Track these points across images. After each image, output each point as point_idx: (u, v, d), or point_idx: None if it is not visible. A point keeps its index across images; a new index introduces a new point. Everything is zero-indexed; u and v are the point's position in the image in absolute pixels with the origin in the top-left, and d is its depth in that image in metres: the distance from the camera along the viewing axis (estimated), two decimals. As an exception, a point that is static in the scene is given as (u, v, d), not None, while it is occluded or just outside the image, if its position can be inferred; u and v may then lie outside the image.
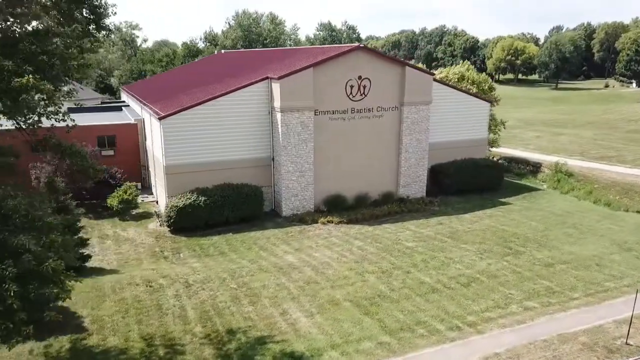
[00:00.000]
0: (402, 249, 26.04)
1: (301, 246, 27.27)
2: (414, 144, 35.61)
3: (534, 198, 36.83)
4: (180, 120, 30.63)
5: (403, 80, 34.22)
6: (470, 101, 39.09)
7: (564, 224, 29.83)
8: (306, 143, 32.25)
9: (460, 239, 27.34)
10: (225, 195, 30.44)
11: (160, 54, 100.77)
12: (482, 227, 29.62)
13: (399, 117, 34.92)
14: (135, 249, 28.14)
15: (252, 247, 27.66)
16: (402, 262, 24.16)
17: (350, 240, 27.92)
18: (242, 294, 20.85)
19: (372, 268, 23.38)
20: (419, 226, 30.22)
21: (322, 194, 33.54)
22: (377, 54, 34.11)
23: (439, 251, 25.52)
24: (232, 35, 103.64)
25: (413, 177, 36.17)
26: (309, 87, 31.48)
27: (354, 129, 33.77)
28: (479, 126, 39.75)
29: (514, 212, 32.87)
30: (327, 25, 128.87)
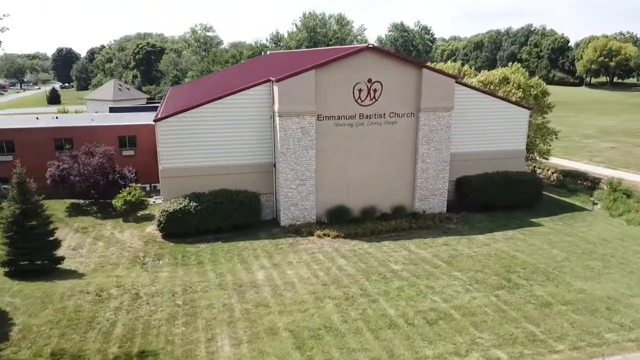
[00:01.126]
0: (385, 272, 23.36)
1: (281, 261, 25.43)
2: (433, 153, 32.40)
3: (573, 220, 32.19)
4: (177, 123, 29.93)
5: (419, 84, 31.21)
6: (506, 108, 35.06)
7: (591, 254, 25.46)
8: (307, 150, 30.30)
9: (456, 265, 24.12)
10: (217, 202, 29.31)
11: (227, 55, 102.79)
12: (490, 251, 26.06)
13: (415, 124, 31.91)
14: (120, 252, 27.76)
15: (232, 258, 26.25)
16: (375, 288, 21.57)
17: (336, 258, 25.63)
18: (182, 313, 19.45)
19: (337, 293, 21.03)
20: (420, 246, 27.22)
21: (325, 204, 31.42)
22: (389, 54, 31.37)
23: (423, 278, 22.57)
24: (297, 36, 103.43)
25: (431, 190, 32.95)
26: (310, 90, 29.52)
27: (363, 136, 31.29)
28: (515, 136, 35.58)
29: (537, 235, 28.75)
30: (399, 25, 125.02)
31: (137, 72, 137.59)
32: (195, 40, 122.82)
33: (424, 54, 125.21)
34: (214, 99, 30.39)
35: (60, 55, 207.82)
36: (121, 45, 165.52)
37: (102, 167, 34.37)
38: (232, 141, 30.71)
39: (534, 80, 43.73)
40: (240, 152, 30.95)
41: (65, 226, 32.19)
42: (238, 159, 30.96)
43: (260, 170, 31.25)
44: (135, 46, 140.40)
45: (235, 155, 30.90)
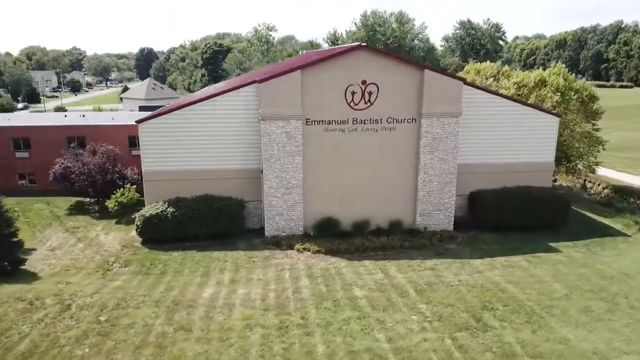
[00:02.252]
0: (342, 299, 20.76)
1: (242, 277, 23.58)
2: (437, 164, 29.07)
3: (601, 247, 27.60)
4: (160, 125, 28.97)
5: (421, 86, 28.06)
6: (530, 115, 30.86)
7: (599, 293, 21.25)
8: (293, 156, 28.16)
9: (428, 296, 20.98)
10: (195, 209, 27.97)
11: (283, 54, 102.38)
12: (478, 281, 22.57)
13: (417, 131, 28.77)
14: (93, 256, 27.25)
15: (197, 270, 24.78)
16: (318, 318, 19.07)
17: (301, 277, 23.35)
18: (97, 331, 18.10)
19: (273, 321, 18.78)
20: (401, 269, 24.24)
21: (314, 215, 29.13)
22: (385, 54, 28.38)
23: (380, 309, 19.73)
24: (355, 35, 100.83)
25: (435, 204, 29.62)
26: (296, 92, 27.37)
27: (357, 143, 28.65)
28: (541, 146, 31.27)
29: (545, 264, 24.71)
30: (465, 23, 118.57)
31: (205, 71, 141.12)
32: (258, 39, 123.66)
33: (493, 54, 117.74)
34: (198, 101, 29.10)
35: (142, 55, 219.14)
36: (194, 45, 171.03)
37: (102, 166, 34.28)
38: (217, 145, 29.24)
39: (580, 83, 38.60)
40: (226, 156, 29.40)
41: (59, 225, 32.35)
42: (223, 163, 29.43)
43: (247, 177, 29.53)
44: (204, 45, 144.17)
45: (221, 160, 29.41)
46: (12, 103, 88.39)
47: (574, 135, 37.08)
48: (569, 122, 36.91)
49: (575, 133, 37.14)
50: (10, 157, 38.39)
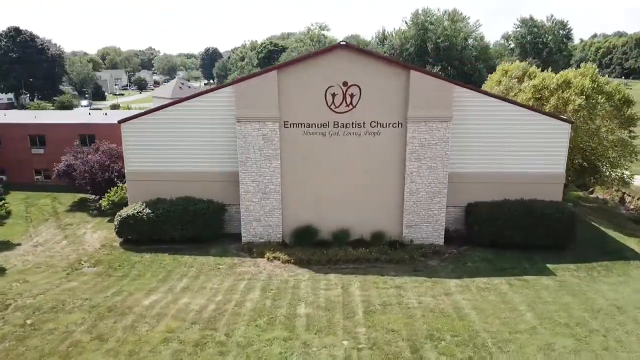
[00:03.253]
0: (282, 316, 19.39)
1: (196, 285, 22.79)
2: (425, 172, 26.89)
3: (607, 271, 24.35)
4: (141, 125, 28.80)
5: (407, 89, 26.00)
6: (537, 120, 27.80)
7: (574, 328, 18.42)
8: (270, 160, 27.03)
9: (374, 318, 19.13)
10: (171, 211, 27.53)
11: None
12: (440, 304, 20.38)
13: (404, 136, 26.73)
14: (70, 254, 27.51)
15: (159, 274, 24.32)
16: (244, 336, 17.82)
17: (254, 289, 22.20)
18: (15, 335, 17.77)
19: (194, 337, 17.74)
20: (365, 286, 22.46)
21: (294, 222, 27.84)
22: (368, 54, 26.44)
23: (314, 331, 18.15)
24: (404, 34, 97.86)
25: (423, 216, 27.43)
26: (272, 94, 26.20)
27: (338, 148, 27.05)
28: (550, 155, 28.12)
29: (529, 289, 22.00)
30: (527, 20, 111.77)
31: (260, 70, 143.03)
32: (310, 38, 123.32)
33: (557, 53, 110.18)
34: (179, 101, 28.64)
35: (207, 54, 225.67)
36: (253, 45, 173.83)
37: (103, 164, 34.75)
38: (198, 146, 28.65)
39: (613, 85, 34.61)
40: (207, 158, 28.74)
41: (55, 221, 33.09)
42: (204, 165, 28.80)
43: (227, 180, 28.70)
44: (259, 45, 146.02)
45: (201, 162, 28.79)
46: (71, 100, 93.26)
47: (605, 143, 33.31)
48: (598, 129, 33.20)
49: (606, 141, 33.38)
50: (27, 153, 39.92)
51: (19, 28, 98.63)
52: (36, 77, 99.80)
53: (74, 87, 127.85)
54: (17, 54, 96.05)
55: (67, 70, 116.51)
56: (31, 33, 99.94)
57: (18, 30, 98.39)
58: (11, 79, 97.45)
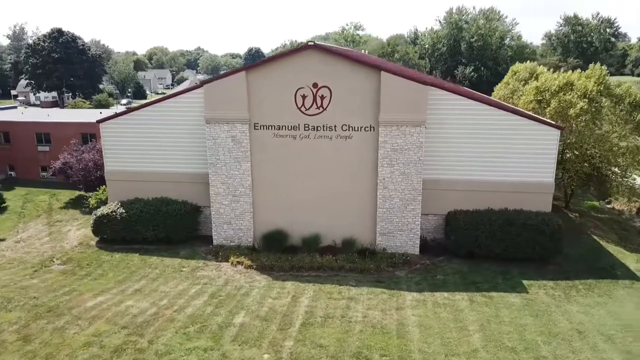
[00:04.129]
0: (214, 325, 18.85)
1: (149, 288, 22.64)
2: (398, 178, 25.70)
3: (587, 291, 22.37)
4: (119, 125, 29.05)
5: (379, 91, 24.91)
6: (524, 126, 26.00)
7: (519, 353, 16.85)
8: (240, 162, 26.59)
9: (310, 332, 18.24)
10: (143, 211, 27.59)
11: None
12: (385, 320, 19.25)
13: (376, 140, 25.64)
14: (47, 251, 28.06)
15: (120, 275, 24.38)
16: (166, 344, 17.39)
17: (204, 294, 21.81)
18: (-50, 331, 18.18)
19: (116, 342, 17.39)
20: (317, 295, 21.61)
21: (265, 226, 27.28)
22: (337, 55, 25.39)
23: (239, 342, 17.48)
24: (436, 34, 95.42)
25: (397, 223, 26.24)
26: (241, 95, 25.75)
27: (309, 151, 26.28)
28: (538, 163, 26.25)
29: (489, 306, 20.48)
30: (571, 19, 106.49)
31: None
32: (344, 38, 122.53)
33: (602, 52, 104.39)
34: (155, 102, 28.67)
35: (250, 54, 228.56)
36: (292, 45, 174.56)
37: (96, 162, 35.35)
38: (173, 147, 28.58)
39: (624, 88, 32.09)
40: (181, 159, 28.63)
41: (47, 217, 33.91)
42: (179, 166, 28.70)
43: (202, 181, 28.39)
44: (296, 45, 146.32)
45: (177, 163, 28.70)
46: (107, 99, 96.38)
47: (616, 150, 30.97)
48: (607, 134, 30.90)
49: (617, 147, 31.03)
50: (33, 151, 41.25)
51: (61, 29, 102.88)
52: (77, 76, 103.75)
53: (116, 86, 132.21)
54: (59, 55, 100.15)
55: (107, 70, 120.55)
56: (73, 34, 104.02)
57: (60, 31, 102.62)
58: (54, 79, 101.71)
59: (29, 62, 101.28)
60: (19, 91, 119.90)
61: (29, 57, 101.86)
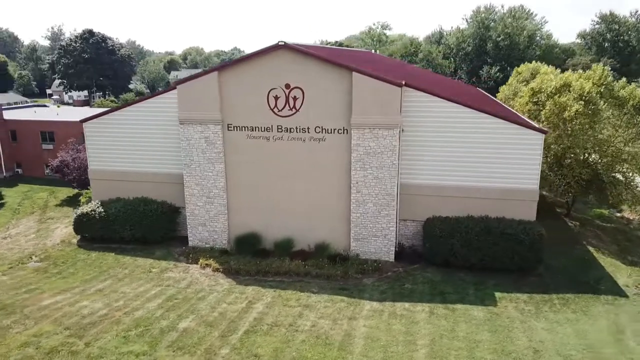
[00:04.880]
0: (156, 329, 18.59)
1: (113, 288, 22.67)
2: (371, 183, 24.88)
3: (562, 307, 20.94)
4: (101, 125, 29.35)
5: (351, 92, 24.17)
6: (506, 130, 24.67)
7: (464, 372, 15.96)
8: (213, 163, 26.35)
9: (245, 341, 17.73)
10: (121, 211, 27.74)
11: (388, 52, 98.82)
12: (332, 330, 18.56)
13: (349, 143, 24.91)
14: (28, 247, 28.63)
15: (90, 274, 24.58)
16: (101, 348, 17.20)
17: (162, 296, 21.65)
18: None
19: (52, 344, 17.30)
20: (274, 302, 21.09)
21: (239, 229, 26.96)
22: (309, 55, 24.68)
23: (173, 349, 17.19)
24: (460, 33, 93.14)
25: (372, 229, 25.42)
26: (213, 95, 25.49)
27: (282, 153, 25.79)
28: (521, 169, 24.86)
29: (448, 320, 19.45)
30: (607, 16, 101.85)
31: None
32: (370, 37, 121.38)
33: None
34: (136, 102, 28.79)
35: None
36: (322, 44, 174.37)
37: (90, 161, 35.85)
38: (153, 147, 28.63)
39: (629, 90, 30.18)
40: (160, 159, 28.63)
41: (40, 214, 34.66)
42: (159, 167, 28.71)
43: (180, 182, 28.25)
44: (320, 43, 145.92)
45: (156, 163, 28.74)
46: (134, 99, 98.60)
47: (618, 156, 29.24)
48: (609, 139, 29.19)
49: (621, 152, 29.30)
50: (38, 149, 42.32)
51: (92, 30, 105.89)
52: (106, 76, 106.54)
53: (147, 85, 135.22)
54: (90, 55, 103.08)
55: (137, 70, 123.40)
56: (103, 35, 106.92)
57: (91, 32, 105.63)
58: (84, 78, 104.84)
59: (61, 62, 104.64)
60: (53, 90, 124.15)
61: (61, 58, 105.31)
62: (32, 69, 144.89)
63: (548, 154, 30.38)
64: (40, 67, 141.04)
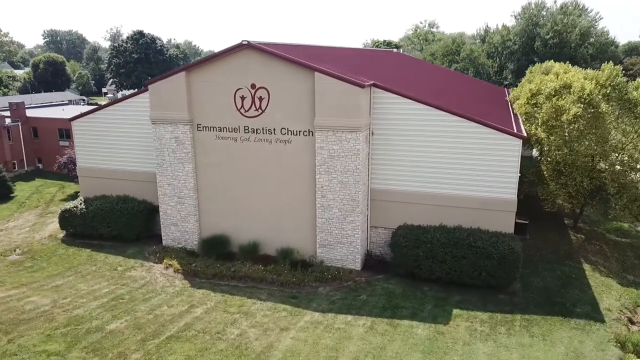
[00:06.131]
0: (82, 330, 18.58)
1: (70, 284, 23.06)
2: (336, 187, 23.87)
3: (523, 328, 19.11)
4: (88, 123, 29.99)
5: (313, 93, 23.28)
6: (481, 135, 22.90)
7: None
8: (183, 163, 26.24)
9: (163, 347, 17.32)
10: (100, 208, 28.26)
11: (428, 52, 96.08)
12: (256, 341, 17.77)
13: (314, 146, 24.03)
14: (17, 240, 29.65)
15: (59, 269, 25.24)
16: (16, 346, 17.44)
17: (109, 295, 21.72)
18: None
19: (-17, 336, 17.83)
20: (216, 307, 20.63)
21: (210, 230, 26.71)
22: (273, 54, 23.78)
23: (88, 349, 17.06)
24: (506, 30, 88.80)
25: (337, 235, 24.41)
26: (181, 95, 25.35)
27: (250, 155, 25.27)
28: (498, 177, 23.02)
29: (381, 336, 18.14)
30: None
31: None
32: (417, 36, 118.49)
33: None
34: (118, 101, 29.18)
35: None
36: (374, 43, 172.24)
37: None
38: (134, 146, 28.96)
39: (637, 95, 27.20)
40: (140, 158, 28.92)
41: (43, 209, 35.99)
42: (138, 165, 28.99)
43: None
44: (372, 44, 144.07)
45: (136, 162, 29.04)
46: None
47: (633, 165, 26.68)
48: (617, 146, 26.63)
49: (638, 161, 26.72)
50: (56, 145, 44.11)
51: (142, 31, 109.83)
52: (154, 75, 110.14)
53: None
54: (139, 55, 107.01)
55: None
56: (152, 36, 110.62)
57: (142, 33, 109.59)
58: (133, 78, 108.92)
59: (113, 62, 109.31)
60: (107, 89, 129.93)
61: (113, 58, 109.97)
62: (91, 69, 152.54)
63: (548, 161, 28.09)
64: (99, 67, 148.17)
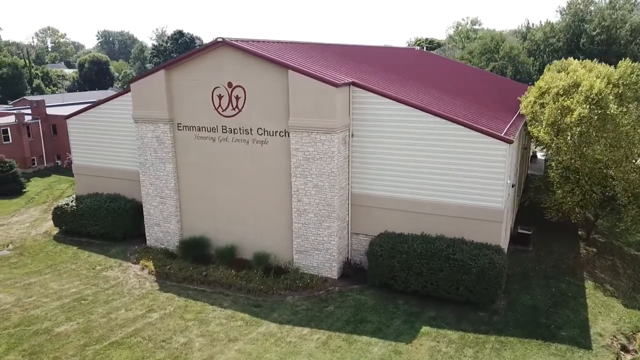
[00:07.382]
0: (33, 330, 18.37)
1: (44, 282, 23.08)
2: (311, 191, 22.74)
3: (494, 351, 17.43)
4: (82, 122, 30.19)
5: (287, 92, 22.26)
6: (469, 139, 21.10)
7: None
8: (164, 163, 25.83)
9: (101, 353, 16.82)
10: (89, 206, 28.35)
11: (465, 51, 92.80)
12: (198, 351, 16.99)
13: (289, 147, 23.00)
14: (13, 236, 30.20)
15: (41, 265, 25.41)
16: (-29, 342, 17.41)
17: (76, 295, 21.54)
18: None
19: None
20: (175, 312, 19.99)
21: (190, 232, 26.19)
22: (249, 52, 22.72)
23: (25, 352, 16.75)
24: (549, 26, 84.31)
25: (313, 242, 23.28)
26: (161, 94, 24.90)
27: (227, 155, 24.54)
28: (484, 185, 21.20)
29: (328, 354, 16.90)
30: None
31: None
32: (458, 34, 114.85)
33: None
34: (109, 99, 29.13)
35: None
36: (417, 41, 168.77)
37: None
38: (124, 145, 28.85)
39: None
40: (130, 157, 28.74)
41: (49, 205, 36.61)
42: (130, 164, 28.84)
43: (147, 180, 28.25)
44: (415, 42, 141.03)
45: (128, 161, 28.90)
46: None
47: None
48: (626, 153, 24.19)
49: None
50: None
51: (182, 31, 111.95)
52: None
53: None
54: (178, 54, 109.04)
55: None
56: (192, 35, 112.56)
57: (181, 33, 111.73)
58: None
59: (153, 62, 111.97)
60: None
61: (153, 57, 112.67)
62: (137, 68, 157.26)
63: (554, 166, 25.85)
64: (145, 67, 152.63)
